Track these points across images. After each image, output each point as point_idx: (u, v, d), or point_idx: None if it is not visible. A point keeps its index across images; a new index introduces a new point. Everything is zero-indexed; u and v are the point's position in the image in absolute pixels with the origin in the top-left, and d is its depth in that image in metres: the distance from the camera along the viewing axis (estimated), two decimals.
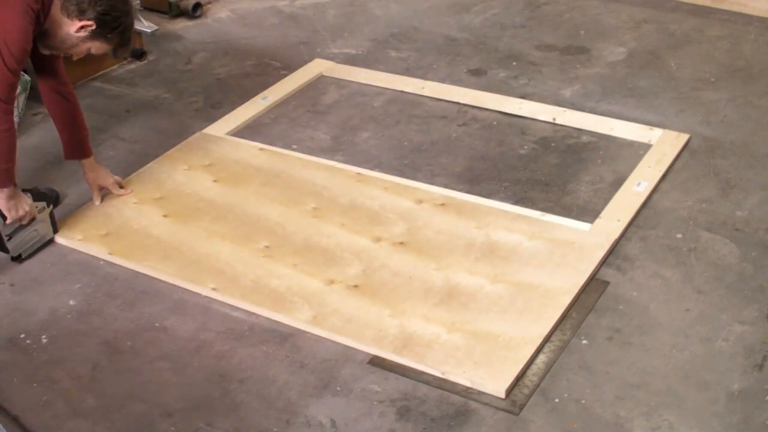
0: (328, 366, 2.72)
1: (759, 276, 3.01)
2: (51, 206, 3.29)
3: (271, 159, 3.67)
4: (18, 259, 3.20)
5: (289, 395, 2.63)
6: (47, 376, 2.72)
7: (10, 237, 3.15)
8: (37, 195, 3.22)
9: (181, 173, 3.59)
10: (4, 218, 3.11)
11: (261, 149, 3.73)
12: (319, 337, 2.82)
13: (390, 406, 2.58)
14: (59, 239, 3.26)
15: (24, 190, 3.18)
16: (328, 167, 3.60)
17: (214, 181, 3.54)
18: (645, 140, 3.73)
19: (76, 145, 3.37)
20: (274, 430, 2.52)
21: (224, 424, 2.53)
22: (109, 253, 3.18)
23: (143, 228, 3.29)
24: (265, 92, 4.20)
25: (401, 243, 3.17)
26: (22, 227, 3.17)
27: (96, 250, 3.20)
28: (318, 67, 4.41)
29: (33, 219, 3.19)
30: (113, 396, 2.64)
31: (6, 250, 3.16)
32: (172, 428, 2.53)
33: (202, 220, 3.32)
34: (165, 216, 3.35)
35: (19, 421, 2.54)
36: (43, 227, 3.26)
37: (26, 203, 3.14)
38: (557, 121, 3.90)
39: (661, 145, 3.67)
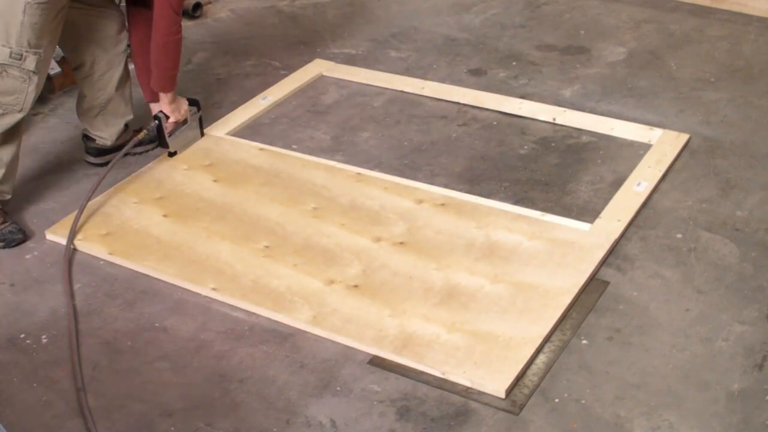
0: (328, 366, 2.72)
1: (759, 276, 3.01)
2: (200, 111, 3.74)
3: (271, 159, 3.67)
4: (173, 155, 3.63)
5: (289, 395, 2.62)
6: (47, 376, 2.72)
7: (170, 135, 3.59)
8: (191, 101, 3.68)
9: (181, 173, 3.59)
10: (167, 118, 3.56)
11: (261, 149, 3.73)
12: (319, 337, 2.82)
13: (390, 406, 2.58)
14: (59, 239, 3.26)
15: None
16: (328, 167, 3.60)
17: (214, 181, 3.54)
18: (645, 140, 3.72)
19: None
20: (274, 430, 2.52)
21: (224, 424, 2.53)
22: (109, 253, 3.18)
23: (143, 228, 3.29)
24: (265, 92, 4.20)
25: (401, 243, 3.17)
26: (177, 127, 3.61)
27: (96, 250, 3.20)
28: (318, 67, 4.41)
29: (185, 121, 3.64)
30: (113, 396, 2.64)
31: (166, 145, 3.61)
32: (172, 428, 2.53)
33: (202, 220, 3.32)
34: (165, 216, 3.34)
35: None
36: (193, 129, 3.72)
37: (185, 105, 3.62)
38: (557, 121, 3.89)
39: (661, 145, 3.66)
